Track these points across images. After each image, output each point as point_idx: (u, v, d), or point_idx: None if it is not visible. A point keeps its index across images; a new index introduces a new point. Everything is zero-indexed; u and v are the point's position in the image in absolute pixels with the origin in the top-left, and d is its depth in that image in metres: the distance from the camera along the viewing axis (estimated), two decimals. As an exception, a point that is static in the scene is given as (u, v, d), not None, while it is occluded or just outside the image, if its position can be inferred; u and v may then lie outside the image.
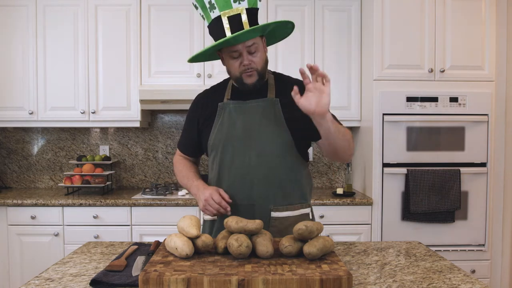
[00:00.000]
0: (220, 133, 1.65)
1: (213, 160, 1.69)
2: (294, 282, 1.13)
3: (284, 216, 1.64)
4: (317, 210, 2.97)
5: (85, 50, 3.21)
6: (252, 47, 1.56)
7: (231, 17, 1.52)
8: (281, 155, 1.64)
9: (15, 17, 3.20)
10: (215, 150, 1.67)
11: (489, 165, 2.99)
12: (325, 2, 3.22)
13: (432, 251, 1.63)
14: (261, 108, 1.65)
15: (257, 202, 1.62)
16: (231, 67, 1.62)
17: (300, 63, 3.20)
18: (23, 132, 3.58)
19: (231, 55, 1.58)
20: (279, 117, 1.64)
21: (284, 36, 1.72)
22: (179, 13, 3.21)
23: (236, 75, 1.61)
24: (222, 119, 1.67)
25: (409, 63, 2.96)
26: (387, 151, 2.95)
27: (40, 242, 2.95)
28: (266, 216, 1.63)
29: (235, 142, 1.63)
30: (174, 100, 3.11)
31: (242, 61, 1.58)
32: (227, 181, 1.65)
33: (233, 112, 1.66)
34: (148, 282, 1.13)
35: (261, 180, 1.62)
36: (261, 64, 1.61)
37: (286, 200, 1.66)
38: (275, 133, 1.63)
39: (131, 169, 3.58)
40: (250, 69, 1.58)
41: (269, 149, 1.63)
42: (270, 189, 1.63)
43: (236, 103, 1.67)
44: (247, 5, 1.54)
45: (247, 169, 1.62)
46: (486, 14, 2.97)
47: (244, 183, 1.63)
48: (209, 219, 1.73)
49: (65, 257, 1.55)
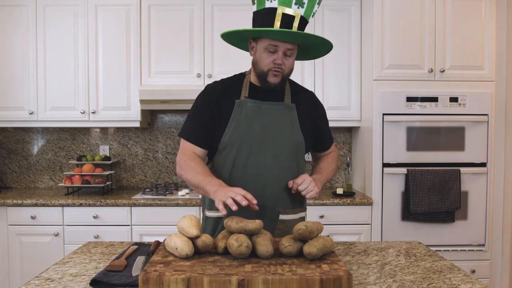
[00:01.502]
0: (238, 130, 1.63)
1: (225, 158, 1.65)
2: (294, 282, 1.13)
3: (289, 219, 1.68)
4: (317, 210, 2.97)
5: (85, 50, 3.21)
6: (290, 51, 1.59)
7: (285, 16, 1.53)
8: (294, 159, 1.68)
9: (15, 17, 3.20)
10: (230, 147, 1.64)
11: (489, 165, 2.99)
12: (325, 2, 3.22)
13: (432, 251, 1.63)
14: (278, 111, 1.67)
15: (268, 204, 1.63)
16: (262, 60, 1.61)
17: (300, 62, 3.20)
18: (23, 132, 3.58)
19: (268, 48, 1.58)
20: (294, 121, 1.68)
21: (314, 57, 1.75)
22: (179, 13, 3.21)
23: (263, 70, 1.61)
24: (239, 116, 1.64)
25: (409, 63, 2.96)
26: (387, 151, 2.95)
27: (40, 242, 2.95)
28: (274, 218, 1.65)
29: (252, 141, 1.63)
30: (174, 100, 3.11)
31: (275, 59, 1.58)
32: (240, 180, 1.62)
33: (251, 111, 1.65)
34: (148, 282, 1.13)
35: (274, 182, 1.64)
36: (289, 69, 1.63)
37: (292, 203, 1.69)
38: (291, 136, 1.66)
39: (131, 169, 3.58)
40: (279, 70, 1.59)
41: (284, 152, 1.65)
42: (281, 191, 1.65)
43: (254, 102, 1.66)
44: (303, 13, 1.55)
45: (261, 170, 1.63)
46: (486, 14, 2.97)
47: (257, 183, 1.62)
48: (213, 216, 1.69)
49: (65, 257, 1.55)
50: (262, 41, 1.58)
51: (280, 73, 1.60)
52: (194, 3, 3.21)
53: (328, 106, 3.22)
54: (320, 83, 3.24)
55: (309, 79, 3.22)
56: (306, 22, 1.59)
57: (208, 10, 3.20)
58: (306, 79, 3.22)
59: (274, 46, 1.57)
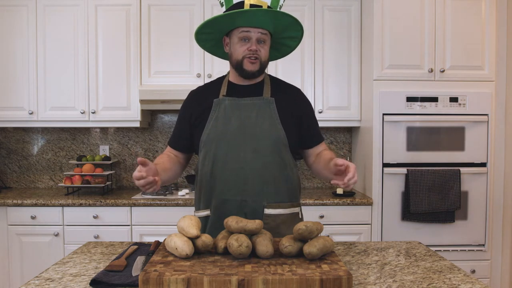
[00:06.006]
0: (215, 128, 1.66)
1: (205, 155, 1.68)
2: (294, 282, 1.13)
3: (276, 213, 1.66)
4: (317, 210, 2.97)
5: (85, 50, 3.21)
6: (262, 37, 1.63)
7: (253, 6, 1.57)
8: (275, 152, 1.66)
9: (15, 17, 3.20)
10: (209, 145, 1.67)
11: (489, 165, 2.99)
12: (325, 2, 3.22)
13: (432, 251, 1.63)
14: (256, 106, 1.68)
15: (250, 198, 1.63)
16: (236, 50, 1.65)
17: (299, 62, 3.21)
18: (23, 132, 3.58)
19: (241, 37, 1.62)
20: (274, 115, 1.67)
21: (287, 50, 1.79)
22: (179, 13, 3.21)
23: (239, 59, 1.65)
24: (217, 114, 1.68)
25: (409, 63, 2.96)
26: (387, 151, 2.95)
27: (40, 242, 2.95)
28: (258, 212, 1.64)
29: (229, 137, 1.65)
30: (174, 100, 3.11)
31: (249, 46, 1.62)
32: (221, 177, 1.65)
33: (229, 108, 1.67)
34: (148, 282, 1.13)
35: (255, 176, 1.63)
36: (265, 57, 1.67)
37: (278, 197, 1.67)
38: (270, 130, 1.66)
39: (131, 169, 3.58)
40: (255, 56, 1.63)
41: (264, 145, 1.64)
42: (264, 185, 1.65)
43: (231, 99, 1.69)
44: (270, 3, 1.61)
45: (241, 164, 1.63)
46: (486, 14, 2.97)
47: (237, 178, 1.63)
48: (202, 216, 1.71)
49: (65, 257, 1.55)
50: (235, 32, 1.64)
51: (257, 60, 1.64)
52: (194, 3, 3.21)
53: (328, 106, 3.22)
54: (320, 83, 3.24)
55: (309, 79, 3.22)
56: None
57: (208, 10, 3.20)
58: (306, 79, 3.22)
59: (246, 33, 1.61)
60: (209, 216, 1.69)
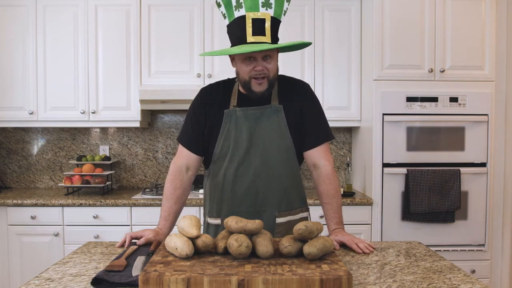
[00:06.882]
0: (227, 142, 1.66)
1: (218, 168, 1.69)
2: (294, 282, 1.12)
3: (286, 221, 1.69)
4: (317, 210, 2.96)
5: (85, 50, 3.21)
6: (268, 53, 1.57)
7: (256, 20, 1.52)
8: (285, 162, 1.67)
9: (15, 17, 3.20)
10: (222, 159, 1.67)
11: (489, 165, 2.98)
12: (325, 2, 3.22)
13: (432, 251, 1.63)
14: (265, 115, 1.66)
15: (263, 209, 1.65)
16: (241, 69, 1.61)
17: (299, 62, 3.20)
18: (23, 132, 3.58)
19: (244, 60, 1.57)
20: (282, 124, 1.67)
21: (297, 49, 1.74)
22: (179, 13, 3.21)
23: (245, 79, 1.61)
24: (228, 127, 1.66)
25: (409, 63, 2.96)
26: (387, 151, 2.95)
27: (40, 242, 2.95)
28: (271, 222, 1.66)
29: (241, 150, 1.65)
30: (174, 100, 3.11)
31: (255, 66, 1.57)
32: (233, 190, 1.66)
33: (240, 120, 1.66)
34: (148, 282, 1.13)
35: (267, 188, 1.65)
36: (274, 71, 1.62)
37: (289, 205, 1.70)
38: (279, 140, 1.66)
39: (131, 169, 3.58)
40: (261, 75, 1.58)
41: (274, 158, 1.65)
42: (275, 196, 1.66)
43: (242, 110, 1.66)
44: (273, 13, 1.55)
45: (252, 177, 1.64)
46: (486, 14, 2.97)
47: (249, 190, 1.65)
48: (214, 223, 1.74)
49: (65, 257, 1.55)
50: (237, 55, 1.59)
51: (265, 78, 1.59)
52: (194, 3, 3.20)
53: (328, 106, 3.22)
54: (320, 83, 3.23)
55: (309, 79, 3.22)
56: (279, 21, 1.59)
57: (208, 10, 3.20)
58: (306, 79, 3.22)
59: (250, 58, 1.57)
60: (220, 225, 1.71)
